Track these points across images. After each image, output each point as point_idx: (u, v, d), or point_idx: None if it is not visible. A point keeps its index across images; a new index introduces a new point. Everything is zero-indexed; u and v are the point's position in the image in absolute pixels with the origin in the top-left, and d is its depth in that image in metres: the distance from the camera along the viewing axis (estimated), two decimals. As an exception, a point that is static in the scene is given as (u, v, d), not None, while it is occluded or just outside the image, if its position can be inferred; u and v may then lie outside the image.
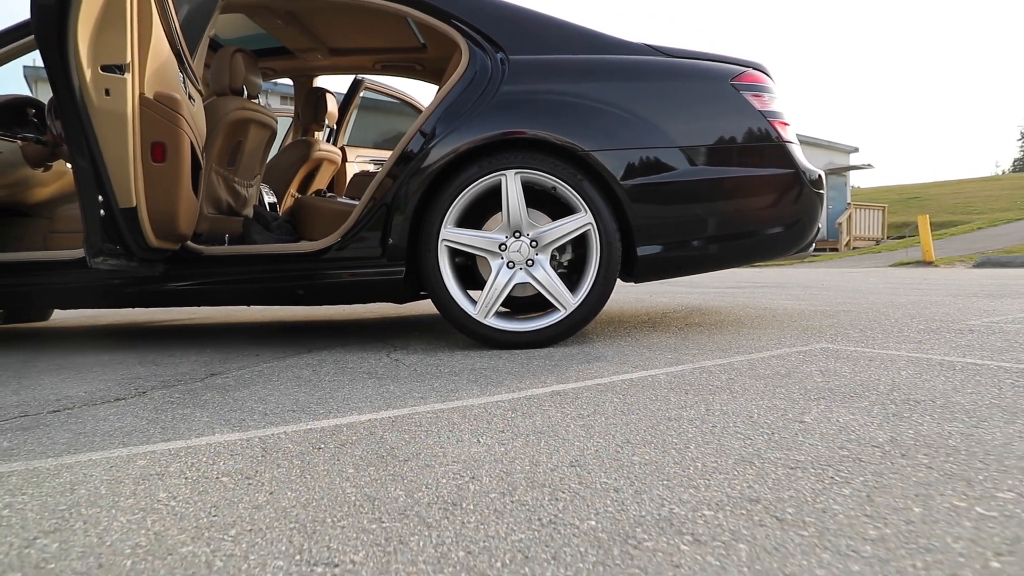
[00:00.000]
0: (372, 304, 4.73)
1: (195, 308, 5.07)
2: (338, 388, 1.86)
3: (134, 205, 2.06)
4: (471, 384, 1.85)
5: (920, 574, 0.73)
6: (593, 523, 0.89)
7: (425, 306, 4.58)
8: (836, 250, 20.52)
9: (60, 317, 4.66)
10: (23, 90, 18.35)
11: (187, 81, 2.32)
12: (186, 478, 1.13)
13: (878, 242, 21.32)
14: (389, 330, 3.21)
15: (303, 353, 2.53)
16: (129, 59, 1.95)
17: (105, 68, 1.95)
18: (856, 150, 24.81)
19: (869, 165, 24.26)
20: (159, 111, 2.06)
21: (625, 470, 1.10)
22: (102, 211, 2.03)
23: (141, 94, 2.03)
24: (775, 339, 2.54)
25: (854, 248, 20.31)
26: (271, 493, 1.04)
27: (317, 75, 4.19)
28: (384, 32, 3.59)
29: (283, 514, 0.95)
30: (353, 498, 1.01)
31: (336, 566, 0.79)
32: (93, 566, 0.81)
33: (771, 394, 1.61)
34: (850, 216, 21.11)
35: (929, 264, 12.52)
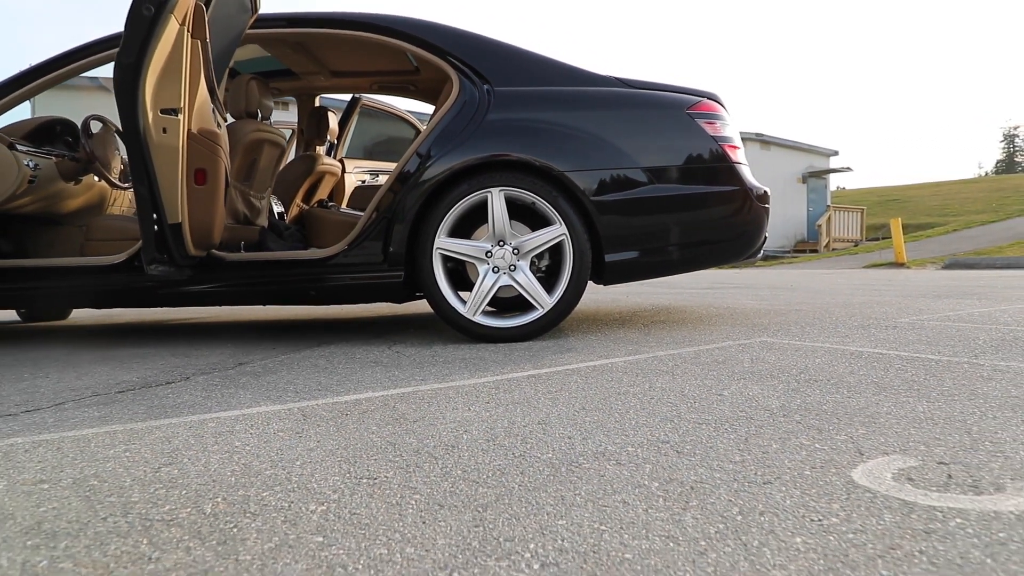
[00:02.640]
0: (363, 304, 5.10)
1: (198, 309, 5.42)
2: (351, 373, 2.24)
3: (180, 221, 2.44)
4: (462, 370, 2.23)
5: (757, 477, 1.12)
6: (550, 455, 1.28)
7: (419, 306, 4.95)
8: (816, 251, 21.08)
9: (76, 317, 5.00)
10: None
11: (216, 111, 2.69)
12: (251, 433, 1.51)
13: (857, 244, 21.89)
14: (388, 327, 3.59)
15: (314, 347, 2.90)
16: (182, 104, 2.33)
17: (164, 111, 2.33)
18: (836, 153, 25.40)
19: (848, 168, 24.85)
20: (202, 143, 2.45)
21: (578, 425, 1.49)
22: (156, 227, 2.41)
23: (189, 130, 2.41)
24: (724, 334, 2.94)
25: (833, 249, 20.86)
26: (318, 441, 1.42)
27: (319, 94, 4.56)
28: (382, 58, 3.96)
29: (330, 453, 1.34)
30: (379, 443, 1.39)
31: (375, 478, 1.17)
32: (208, 482, 1.19)
33: (704, 376, 2.01)
34: (829, 218, 21.68)
35: (901, 266, 13.03)
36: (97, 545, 0.93)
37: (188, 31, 2.31)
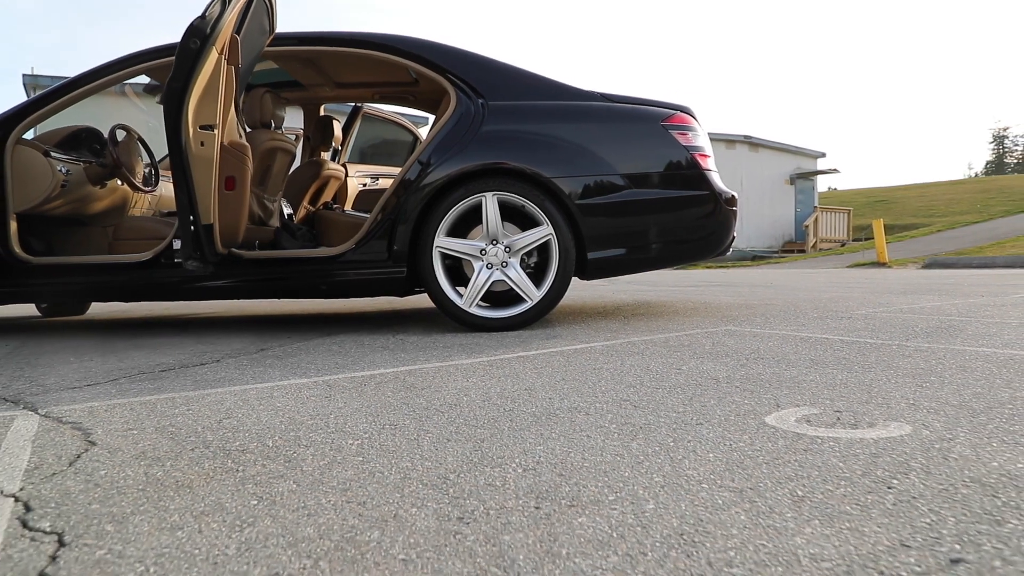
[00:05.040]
0: (366, 299, 5.41)
1: (207, 305, 5.72)
2: (363, 356, 2.56)
3: (211, 222, 2.76)
4: (460, 352, 2.56)
5: (692, 421, 1.45)
6: (534, 409, 1.61)
7: (418, 301, 5.27)
8: (803, 252, 21.50)
9: (93, 312, 5.29)
10: (21, 96, 18.73)
11: (239, 123, 3.01)
12: (288, 398, 1.82)
13: (843, 244, 22.32)
14: (391, 319, 3.90)
15: (325, 336, 3.22)
16: (217, 120, 2.66)
17: (202, 127, 2.65)
18: (823, 155, 25.83)
19: (835, 170, 25.32)
20: (233, 154, 2.77)
21: (557, 391, 1.81)
22: (192, 228, 2.73)
23: (221, 143, 2.73)
24: (694, 324, 3.27)
25: (820, 250, 21.28)
26: (345, 403, 1.74)
27: (324, 103, 4.87)
28: (384, 71, 4.28)
29: (356, 410, 1.66)
30: (395, 403, 1.71)
31: (395, 425, 1.50)
32: (264, 428, 1.50)
33: (668, 356, 2.34)
34: (816, 219, 22.10)
35: (883, 265, 13.41)
36: (194, 464, 1.25)
37: (225, 58, 2.63)
